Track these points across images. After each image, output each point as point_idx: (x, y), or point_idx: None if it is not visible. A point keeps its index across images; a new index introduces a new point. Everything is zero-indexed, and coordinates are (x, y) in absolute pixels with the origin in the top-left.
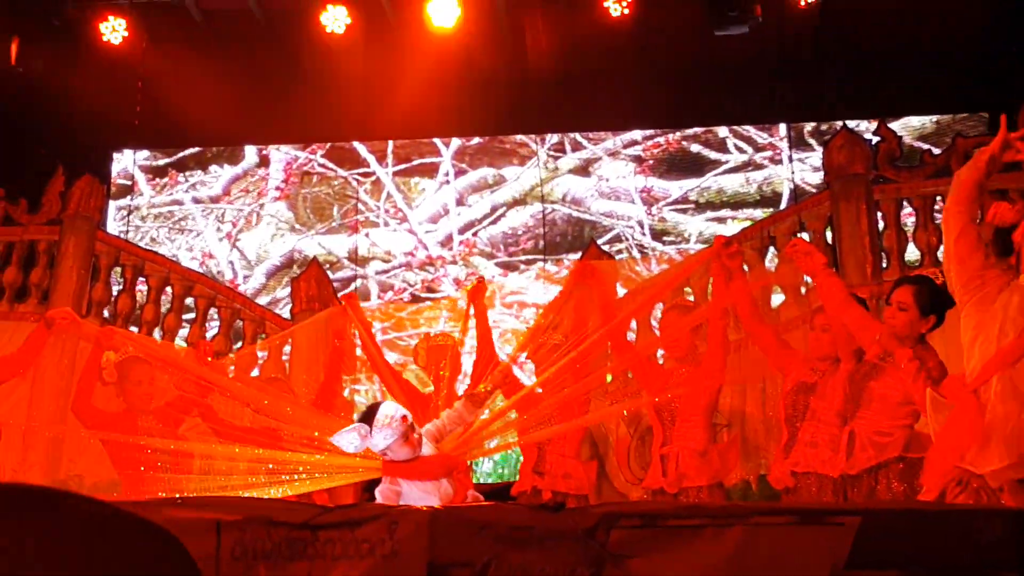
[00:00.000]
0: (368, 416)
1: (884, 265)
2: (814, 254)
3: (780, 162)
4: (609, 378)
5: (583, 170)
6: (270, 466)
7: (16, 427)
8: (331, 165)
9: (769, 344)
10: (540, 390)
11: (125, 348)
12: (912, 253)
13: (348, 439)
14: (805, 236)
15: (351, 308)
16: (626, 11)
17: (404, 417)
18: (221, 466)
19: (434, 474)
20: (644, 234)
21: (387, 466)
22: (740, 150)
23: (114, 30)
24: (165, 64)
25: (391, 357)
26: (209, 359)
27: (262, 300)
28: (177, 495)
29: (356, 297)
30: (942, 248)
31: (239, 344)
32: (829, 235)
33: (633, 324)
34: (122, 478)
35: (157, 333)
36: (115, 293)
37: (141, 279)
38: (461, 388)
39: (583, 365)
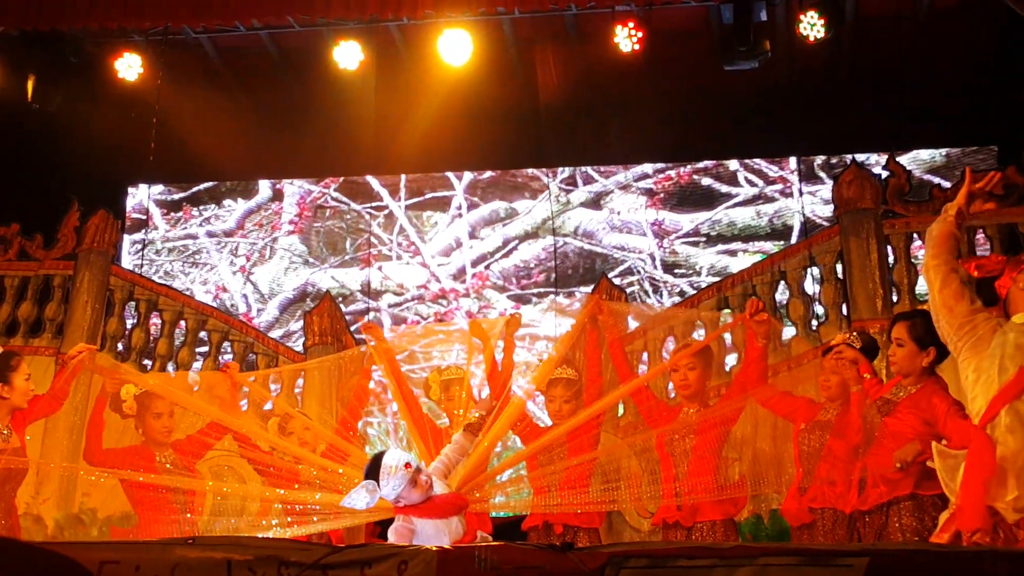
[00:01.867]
0: (373, 470)
1: (895, 299)
2: (768, 324)
3: (791, 195)
4: (621, 410)
5: (594, 203)
6: (284, 506)
7: (30, 462)
8: (344, 199)
9: (776, 404)
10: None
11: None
12: (922, 286)
13: (359, 498)
14: (815, 271)
15: (374, 336)
16: (636, 46)
17: (408, 464)
18: (235, 504)
19: (445, 512)
20: (656, 267)
21: (399, 507)
22: (751, 183)
23: (129, 67)
24: (180, 100)
25: None
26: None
27: (275, 333)
28: (190, 539)
29: (376, 327)
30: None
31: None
32: (839, 269)
33: (644, 356)
34: (137, 512)
35: (171, 367)
36: (129, 327)
37: (155, 313)
38: None
39: (591, 400)
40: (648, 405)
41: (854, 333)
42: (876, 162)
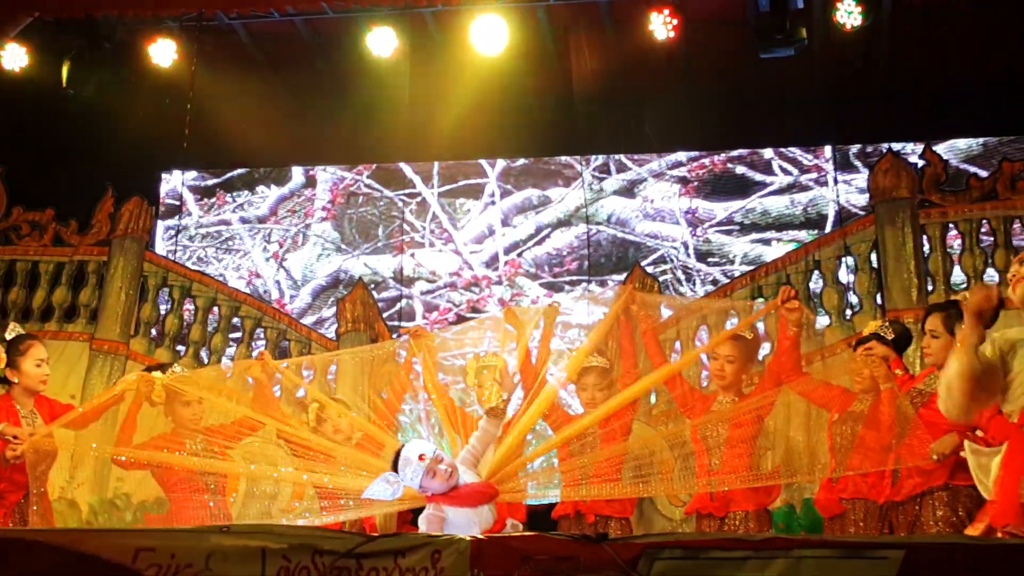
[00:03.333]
0: (395, 462)
1: (930, 289)
2: (800, 312)
3: (825, 184)
4: (654, 399)
5: (628, 191)
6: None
7: (66, 447)
8: (377, 186)
9: (811, 392)
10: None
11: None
12: (958, 276)
13: (379, 489)
14: (850, 260)
15: (417, 344)
16: (672, 33)
17: (421, 456)
18: (268, 488)
19: (475, 501)
20: (689, 255)
21: (429, 495)
22: (785, 172)
23: (164, 53)
24: (214, 86)
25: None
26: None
27: (308, 320)
28: (224, 527)
29: (424, 332)
30: (990, 272)
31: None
32: (874, 258)
33: (677, 345)
34: (169, 499)
35: (204, 353)
36: (163, 313)
37: (188, 299)
38: (512, 408)
39: (624, 387)
40: (682, 392)
41: (886, 323)
42: (912, 151)
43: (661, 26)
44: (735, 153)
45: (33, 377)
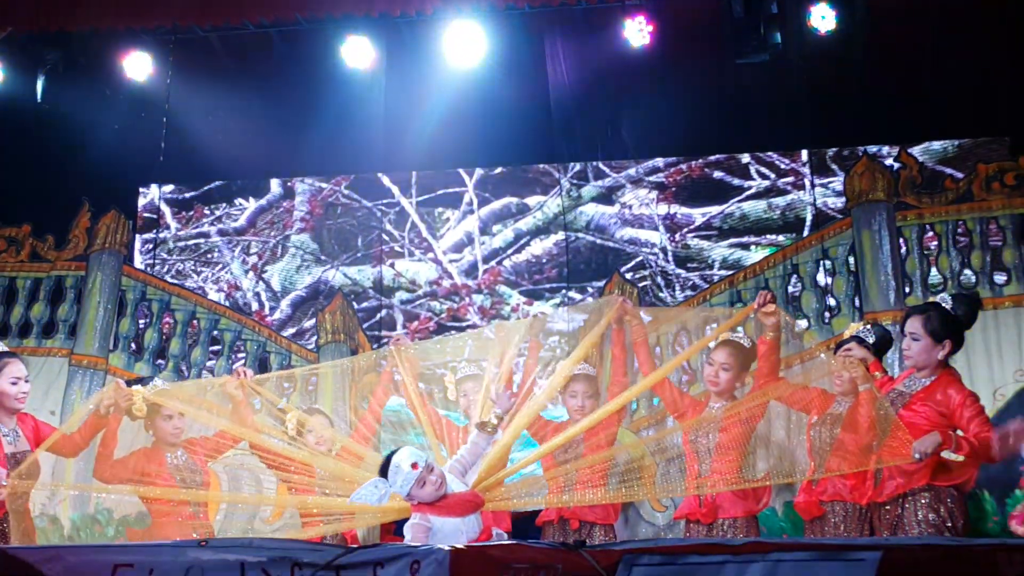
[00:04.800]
0: (384, 468)
1: (907, 291)
2: (778, 316)
3: (803, 187)
4: (635, 405)
5: (606, 198)
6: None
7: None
8: (355, 196)
9: (789, 396)
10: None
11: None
12: (935, 277)
13: (368, 493)
14: (828, 263)
15: (398, 354)
16: (647, 40)
17: (415, 465)
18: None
19: (462, 511)
20: (668, 261)
21: (415, 504)
22: (762, 176)
23: (138, 66)
24: (190, 98)
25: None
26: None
27: (288, 331)
28: (197, 536)
29: (404, 342)
30: (967, 273)
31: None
32: (852, 261)
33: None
34: (151, 512)
35: (184, 366)
36: (141, 327)
37: (168, 312)
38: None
39: (613, 396)
40: (672, 397)
41: (868, 325)
42: (888, 154)
43: (636, 33)
44: (712, 158)
45: (9, 395)
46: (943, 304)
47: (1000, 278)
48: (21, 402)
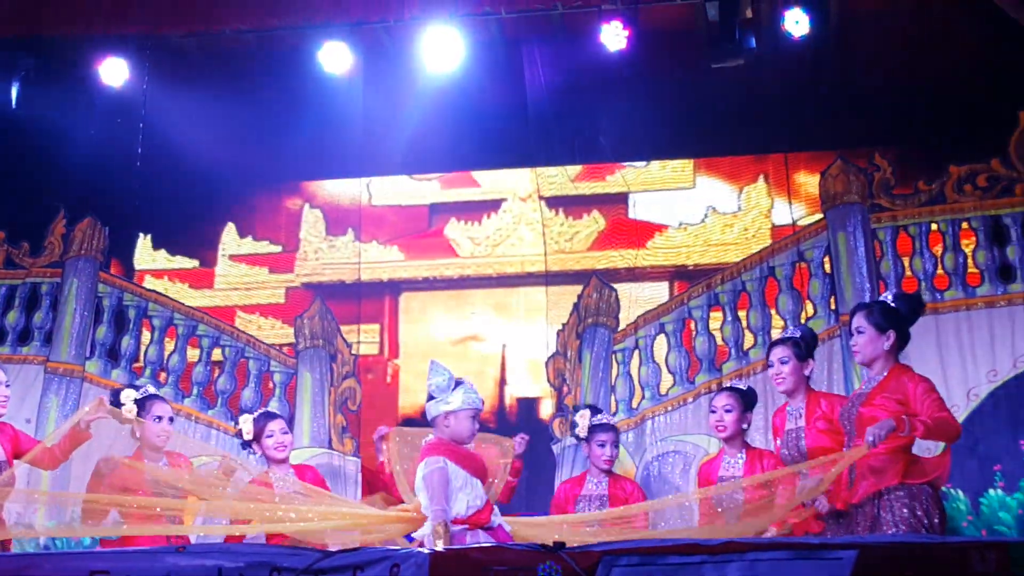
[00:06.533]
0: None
1: (882, 293)
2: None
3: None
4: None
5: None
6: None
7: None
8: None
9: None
10: None
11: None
12: (909, 279)
13: (438, 378)
14: (804, 265)
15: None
16: (623, 44)
17: (483, 401)
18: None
19: (475, 467)
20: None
21: (442, 444)
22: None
23: (114, 72)
24: (167, 105)
25: None
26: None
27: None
28: (180, 547)
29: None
30: (938, 273)
31: (248, 384)
32: (827, 263)
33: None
34: (125, 518)
35: (162, 373)
36: (119, 333)
37: (145, 319)
38: None
39: None
40: None
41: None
42: (862, 156)
43: (613, 37)
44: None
45: None
46: (885, 301)
47: (972, 279)
48: (3, 407)
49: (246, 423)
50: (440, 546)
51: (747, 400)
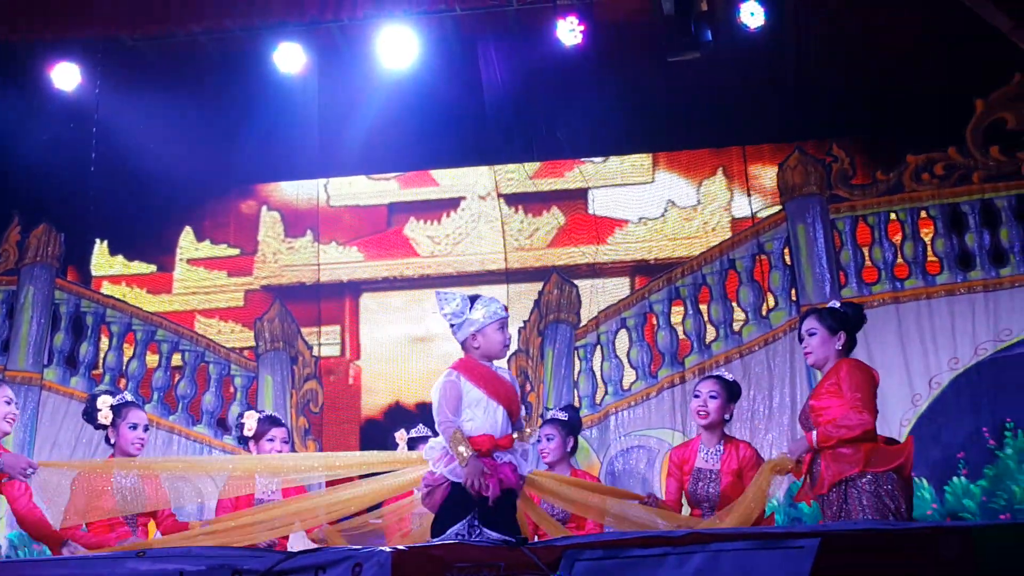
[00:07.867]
0: (474, 299)
1: (842, 283)
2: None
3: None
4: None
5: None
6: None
7: None
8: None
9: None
10: None
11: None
12: (868, 270)
13: (450, 305)
14: (763, 258)
15: None
16: (579, 39)
17: (505, 308)
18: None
19: (497, 391)
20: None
21: (466, 361)
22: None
23: (66, 77)
24: (120, 109)
25: None
26: None
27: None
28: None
29: None
30: (898, 262)
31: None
32: (787, 255)
33: (597, 351)
34: (88, 528)
35: (123, 380)
36: (77, 340)
37: (103, 325)
38: None
39: None
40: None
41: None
42: (819, 147)
43: (568, 33)
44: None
45: None
46: (835, 307)
47: (932, 268)
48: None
49: (250, 419)
50: (465, 452)
51: (731, 391)
